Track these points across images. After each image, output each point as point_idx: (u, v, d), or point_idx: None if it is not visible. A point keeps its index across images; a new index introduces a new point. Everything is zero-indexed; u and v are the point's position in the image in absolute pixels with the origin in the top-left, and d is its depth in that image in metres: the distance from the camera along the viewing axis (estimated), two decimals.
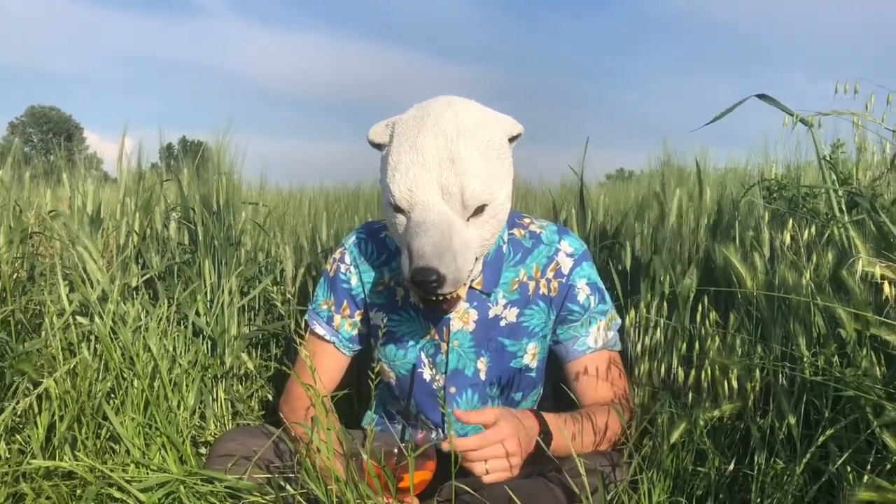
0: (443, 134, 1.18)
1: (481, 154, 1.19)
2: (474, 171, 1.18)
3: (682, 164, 1.86)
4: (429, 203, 1.17)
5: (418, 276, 1.13)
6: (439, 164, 1.17)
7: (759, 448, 1.18)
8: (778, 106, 1.35)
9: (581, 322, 1.38)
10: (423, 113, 1.23)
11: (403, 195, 1.18)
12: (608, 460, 1.28)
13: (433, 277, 1.13)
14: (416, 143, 1.18)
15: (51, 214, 2.12)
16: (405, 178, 1.18)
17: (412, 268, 1.15)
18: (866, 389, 1.05)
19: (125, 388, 1.54)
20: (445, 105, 1.23)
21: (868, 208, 1.28)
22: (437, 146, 1.17)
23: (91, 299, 1.63)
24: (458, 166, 1.17)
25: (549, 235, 1.41)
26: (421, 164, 1.17)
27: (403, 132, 1.22)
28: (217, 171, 2.12)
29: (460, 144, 1.18)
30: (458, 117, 1.21)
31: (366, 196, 3.34)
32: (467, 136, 1.19)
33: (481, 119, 1.23)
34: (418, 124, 1.21)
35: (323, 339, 1.45)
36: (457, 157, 1.17)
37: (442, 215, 1.17)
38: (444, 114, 1.21)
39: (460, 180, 1.17)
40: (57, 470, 1.39)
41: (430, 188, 1.17)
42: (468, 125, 1.20)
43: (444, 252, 1.14)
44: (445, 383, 1.40)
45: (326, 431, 1.15)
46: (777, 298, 1.24)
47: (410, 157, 1.18)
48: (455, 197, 1.18)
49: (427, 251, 1.13)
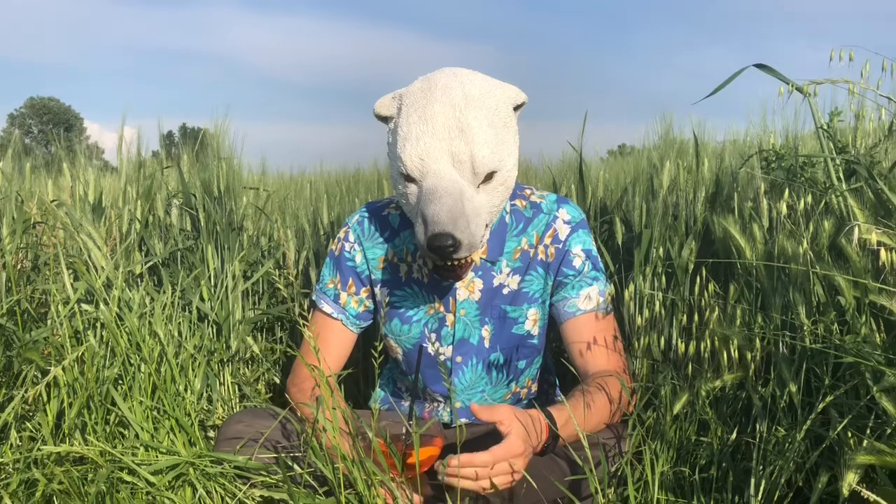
0: (451, 104, 1.22)
1: (489, 122, 1.23)
2: (483, 139, 1.21)
3: (681, 137, 1.85)
4: (440, 171, 1.21)
5: (435, 241, 1.16)
6: (449, 132, 1.21)
7: (760, 416, 1.19)
8: (775, 75, 1.35)
9: (572, 285, 1.40)
10: (429, 84, 1.26)
11: (415, 164, 1.22)
12: (612, 432, 1.29)
13: (449, 242, 1.16)
14: (426, 114, 1.22)
15: (53, 204, 2.13)
16: (416, 148, 1.22)
17: (428, 234, 1.18)
18: (866, 356, 1.05)
19: (132, 374, 1.56)
20: (451, 76, 1.26)
21: (866, 176, 1.29)
22: (447, 116, 1.21)
23: (96, 286, 1.64)
24: (468, 135, 1.21)
25: (548, 204, 1.44)
26: (431, 134, 1.21)
27: (412, 103, 1.25)
28: (217, 157, 2.12)
29: (469, 113, 1.21)
30: (465, 87, 1.24)
31: (366, 179, 3.34)
32: (475, 105, 1.23)
33: (487, 88, 1.27)
34: (426, 95, 1.24)
35: (331, 317, 1.47)
36: (466, 125, 1.21)
37: (454, 182, 1.20)
38: (451, 84, 1.24)
39: (470, 148, 1.21)
40: (68, 455, 1.40)
41: (441, 157, 1.21)
42: (475, 94, 1.24)
43: (459, 217, 1.17)
44: (452, 353, 1.42)
45: (332, 411, 1.17)
46: (776, 268, 1.24)
47: (420, 127, 1.22)
48: (465, 165, 1.21)
49: (442, 217, 1.16)
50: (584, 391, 1.26)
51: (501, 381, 1.46)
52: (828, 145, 1.45)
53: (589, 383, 1.30)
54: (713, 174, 1.76)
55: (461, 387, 1.45)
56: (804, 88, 1.19)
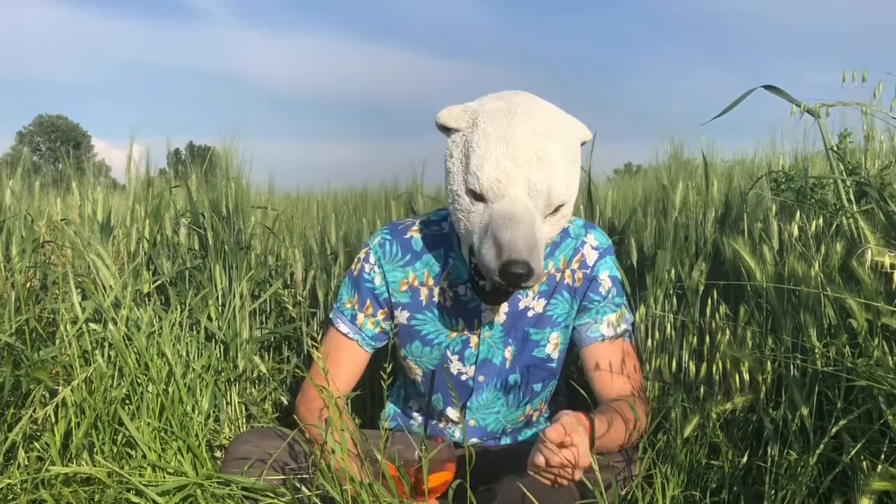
0: (533, 131, 1.22)
1: (565, 156, 1.24)
2: (562, 172, 1.23)
3: (690, 158, 1.85)
4: (517, 197, 1.21)
5: (510, 268, 1.16)
6: (528, 160, 1.21)
7: (772, 440, 1.18)
8: (784, 97, 1.35)
9: (597, 310, 1.40)
10: (509, 106, 1.26)
11: (492, 186, 1.22)
12: (623, 455, 1.28)
13: (524, 271, 1.16)
14: (507, 136, 1.22)
15: (62, 223, 2.14)
16: (496, 170, 1.21)
17: (503, 259, 1.17)
18: (878, 379, 1.05)
19: (140, 394, 1.56)
20: (529, 101, 1.27)
21: (877, 198, 1.28)
22: (528, 142, 1.21)
23: (104, 306, 1.65)
24: (548, 165, 1.21)
25: (576, 230, 1.44)
26: (512, 158, 1.21)
27: (490, 122, 1.25)
28: (225, 176, 2.13)
29: (550, 145, 1.22)
30: (545, 116, 1.25)
31: (373, 197, 3.34)
32: (555, 136, 1.24)
33: (564, 121, 1.28)
34: (507, 117, 1.24)
35: (346, 337, 1.47)
36: (546, 155, 1.21)
37: (528, 210, 1.21)
38: (532, 110, 1.25)
39: (549, 180, 1.21)
40: (76, 476, 1.40)
41: (519, 182, 1.21)
42: (555, 125, 1.25)
43: (534, 247, 1.18)
44: (475, 373, 1.42)
45: (340, 432, 1.16)
46: (787, 290, 1.24)
47: (502, 149, 1.22)
48: (541, 195, 1.22)
49: (520, 245, 1.16)
50: (602, 412, 1.26)
51: (517, 402, 1.45)
52: (838, 167, 1.45)
53: (606, 407, 1.29)
54: (722, 195, 1.76)
55: (477, 405, 1.44)
56: (815, 110, 1.19)
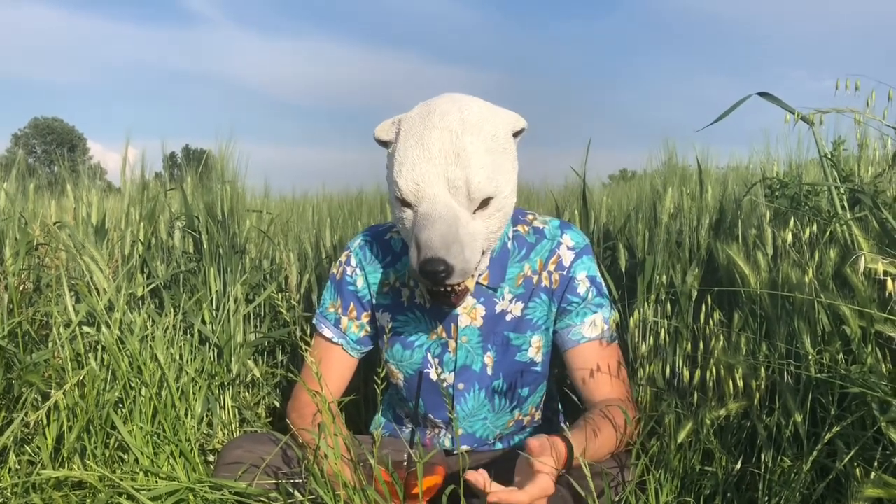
0: (448, 129, 1.22)
1: (486, 148, 1.23)
2: (479, 165, 1.21)
3: (684, 163, 1.86)
4: (436, 196, 1.21)
5: (427, 266, 1.16)
6: (445, 158, 1.21)
7: (765, 446, 1.18)
8: (779, 104, 1.35)
9: (577, 312, 1.39)
10: (428, 110, 1.26)
11: (410, 189, 1.22)
12: (616, 461, 1.28)
13: (441, 268, 1.16)
14: (423, 139, 1.22)
15: (56, 225, 2.13)
16: (412, 173, 1.22)
17: (420, 259, 1.18)
18: (872, 386, 1.05)
19: (133, 398, 1.55)
20: (450, 102, 1.27)
21: (870, 205, 1.28)
22: (443, 141, 1.21)
23: (98, 309, 1.64)
24: (464, 160, 1.21)
25: (552, 230, 1.43)
26: (427, 159, 1.21)
27: (409, 129, 1.26)
28: (221, 180, 2.12)
29: (465, 139, 1.21)
30: (462, 113, 1.24)
31: (369, 201, 3.34)
32: (472, 130, 1.23)
33: (485, 115, 1.27)
34: (424, 121, 1.24)
35: (331, 342, 1.46)
36: (462, 151, 1.21)
37: (448, 208, 1.20)
38: (449, 110, 1.24)
39: (466, 174, 1.20)
40: (67, 480, 1.39)
41: (436, 182, 1.21)
42: (473, 121, 1.24)
43: (452, 243, 1.17)
44: (454, 380, 1.41)
45: (333, 437, 1.16)
46: (781, 297, 1.24)
47: (417, 152, 1.22)
48: (461, 190, 1.21)
49: (435, 242, 1.16)
50: (588, 419, 1.25)
51: (504, 408, 1.45)
52: (832, 174, 1.45)
53: (593, 412, 1.28)
54: (717, 201, 1.76)
55: (463, 414, 1.44)
56: (809, 117, 1.20)
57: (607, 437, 1.24)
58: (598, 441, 1.21)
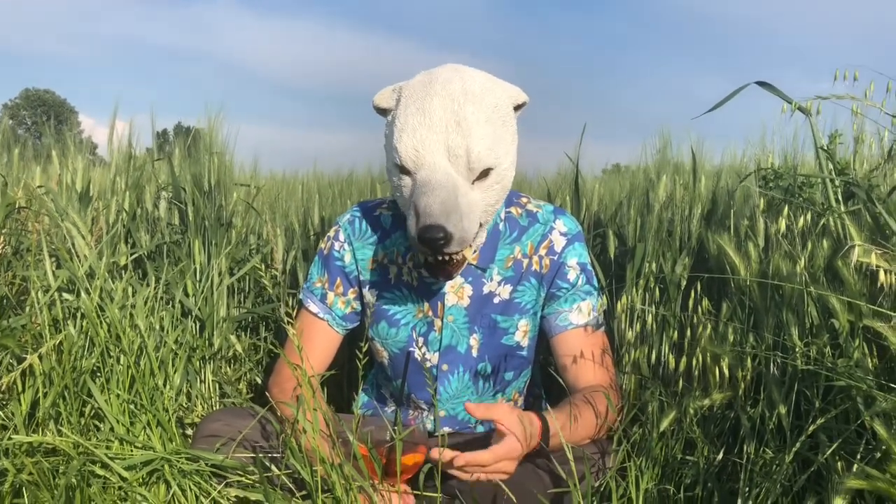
0: (450, 98, 1.21)
1: (487, 119, 1.22)
2: (480, 135, 1.20)
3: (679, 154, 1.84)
4: (435, 164, 1.20)
5: (426, 233, 1.15)
6: (446, 126, 1.19)
7: (748, 437, 1.17)
8: (776, 93, 1.34)
9: (566, 298, 1.38)
10: (430, 78, 1.25)
11: (410, 156, 1.21)
12: (597, 448, 1.27)
13: (440, 235, 1.15)
14: (424, 106, 1.21)
15: (39, 190, 2.09)
16: (412, 139, 1.20)
17: (419, 226, 1.16)
18: (858, 380, 1.04)
19: (111, 366, 1.53)
20: (453, 71, 1.26)
21: (864, 199, 1.27)
22: (445, 109, 1.20)
23: (78, 275, 1.61)
24: (465, 129, 1.19)
25: (545, 215, 1.42)
26: (428, 126, 1.20)
27: (411, 96, 1.24)
28: (209, 151, 2.09)
29: (467, 108, 1.20)
30: (465, 83, 1.23)
31: (359, 182, 3.31)
32: (474, 100, 1.21)
33: (488, 85, 1.26)
34: (426, 88, 1.23)
35: (316, 317, 1.45)
36: (463, 120, 1.20)
37: (448, 176, 1.19)
38: (451, 78, 1.23)
39: (466, 142, 1.19)
40: (40, 446, 1.37)
41: (436, 149, 1.20)
42: (475, 90, 1.23)
43: (451, 211, 1.16)
44: (438, 360, 1.40)
45: (313, 412, 1.14)
46: (770, 287, 1.23)
47: (418, 119, 1.21)
48: (461, 159, 1.20)
49: (434, 210, 1.15)
50: (571, 404, 1.24)
51: (488, 391, 1.44)
52: (827, 166, 1.44)
53: (576, 397, 1.27)
54: (710, 192, 1.75)
55: (446, 395, 1.42)
56: (807, 106, 1.18)
57: (587, 421, 1.23)
58: (577, 424, 1.21)
